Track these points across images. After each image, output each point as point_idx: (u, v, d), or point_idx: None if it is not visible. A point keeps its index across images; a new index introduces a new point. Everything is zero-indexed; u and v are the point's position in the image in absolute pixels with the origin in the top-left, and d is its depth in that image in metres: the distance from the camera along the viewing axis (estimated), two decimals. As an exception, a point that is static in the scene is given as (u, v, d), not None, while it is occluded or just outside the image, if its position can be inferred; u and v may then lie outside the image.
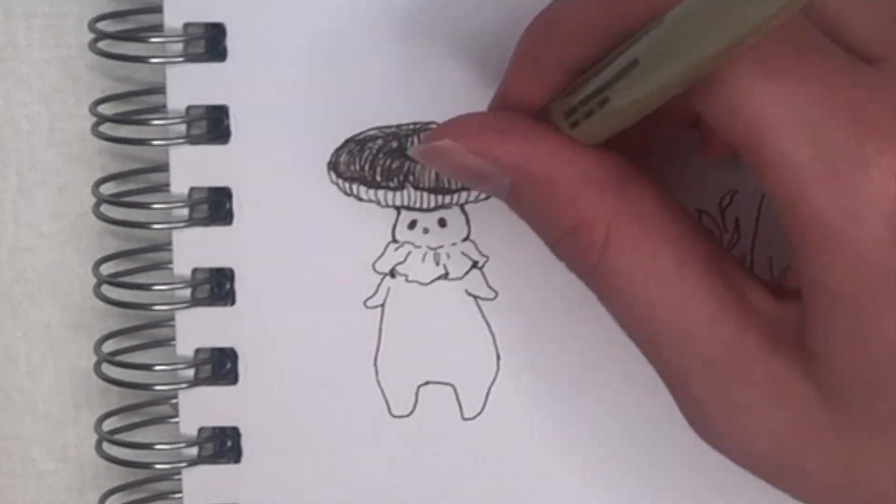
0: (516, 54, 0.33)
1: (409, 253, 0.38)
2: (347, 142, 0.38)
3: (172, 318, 0.39)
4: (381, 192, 0.38)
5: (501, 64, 0.37)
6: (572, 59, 0.32)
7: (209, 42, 0.38)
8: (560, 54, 0.32)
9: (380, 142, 0.38)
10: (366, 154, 0.38)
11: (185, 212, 0.38)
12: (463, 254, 0.38)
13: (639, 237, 0.32)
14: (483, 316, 0.39)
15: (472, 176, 0.33)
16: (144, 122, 0.38)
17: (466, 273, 0.38)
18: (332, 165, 0.38)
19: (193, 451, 0.39)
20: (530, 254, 0.38)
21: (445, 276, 0.38)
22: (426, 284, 0.38)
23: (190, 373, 0.39)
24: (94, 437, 0.40)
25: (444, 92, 0.38)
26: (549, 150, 0.32)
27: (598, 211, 0.32)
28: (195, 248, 0.38)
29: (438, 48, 0.37)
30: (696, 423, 0.33)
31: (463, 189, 0.38)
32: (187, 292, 0.38)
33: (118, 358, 0.39)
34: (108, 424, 0.40)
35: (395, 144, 0.38)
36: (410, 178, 0.38)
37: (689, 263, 0.31)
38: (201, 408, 0.39)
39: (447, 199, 0.38)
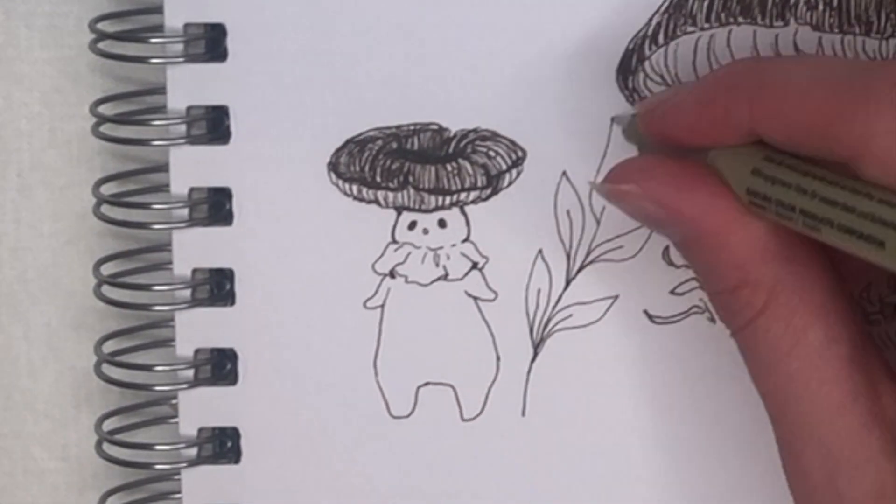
0: (715, 89, 0.33)
1: (408, 254, 0.38)
2: (347, 142, 0.38)
3: (172, 319, 0.39)
4: (381, 193, 0.38)
5: (501, 64, 0.37)
6: (770, 138, 0.32)
7: (209, 42, 0.38)
8: (758, 128, 0.32)
9: (380, 142, 0.38)
10: (366, 155, 0.38)
11: (185, 212, 0.38)
12: (463, 255, 0.38)
13: (794, 309, 0.32)
14: (483, 317, 0.39)
15: (648, 220, 0.34)
16: (145, 123, 0.38)
17: (466, 274, 0.38)
18: (333, 166, 0.38)
19: (193, 451, 0.39)
20: (530, 255, 0.38)
21: (445, 276, 0.38)
22: (426, 285, 0.38)
23: (190, 373, 0.39)
24: (94, 437, 0.40)
25: (444, 92, 0.38)
26: (725, 212, 0.33)
27: (761, 277, 0.32)
28: (195, 249, 0.38)
29: (438, 48, 0.37)
30: (798, 491, 0.33)
31: (463, 190, 0.38)
32: (187, 293, 0.38)
33: (118, 358, 0.39)
34: (108, 424, 0.40)
35: (395, 145, 0.38)
36: (410, 178, 0.38)
37: (835, 344, 0.32)
38: (201, 408, 0.39)
39: (447, 199, 0.38)
